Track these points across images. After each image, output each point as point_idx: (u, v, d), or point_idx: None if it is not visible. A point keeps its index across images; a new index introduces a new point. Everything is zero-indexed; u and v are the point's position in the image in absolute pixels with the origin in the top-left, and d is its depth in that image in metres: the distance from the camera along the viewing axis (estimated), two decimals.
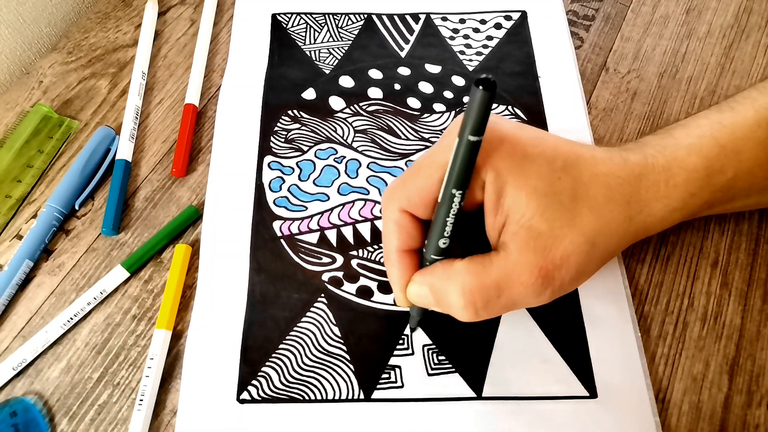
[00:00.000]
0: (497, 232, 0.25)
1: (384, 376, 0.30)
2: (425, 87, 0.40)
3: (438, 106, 0.39)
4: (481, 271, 0.25)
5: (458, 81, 0.40)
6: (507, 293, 0.25)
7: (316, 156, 0.37)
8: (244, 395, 0.30)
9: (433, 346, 0.31)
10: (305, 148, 0.37)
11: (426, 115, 0.39)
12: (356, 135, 0.38)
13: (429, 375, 0.30)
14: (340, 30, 0.43)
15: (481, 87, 0.20)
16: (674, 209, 0.27)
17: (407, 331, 0.31)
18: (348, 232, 0.35)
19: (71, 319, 0.32)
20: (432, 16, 0.43)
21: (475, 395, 0.30)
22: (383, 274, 0.33)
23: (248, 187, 0.36)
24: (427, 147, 0.37)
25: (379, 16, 0.43)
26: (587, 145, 0.28)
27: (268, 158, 0.37)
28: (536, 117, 0.38)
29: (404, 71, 0.41)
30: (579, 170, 0.26)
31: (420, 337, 0.31)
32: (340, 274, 0.33)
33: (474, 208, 0.26)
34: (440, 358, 0.31)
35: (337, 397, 0.30)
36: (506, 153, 0.25)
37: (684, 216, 0.28)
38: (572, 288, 0.26)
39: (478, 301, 0.25)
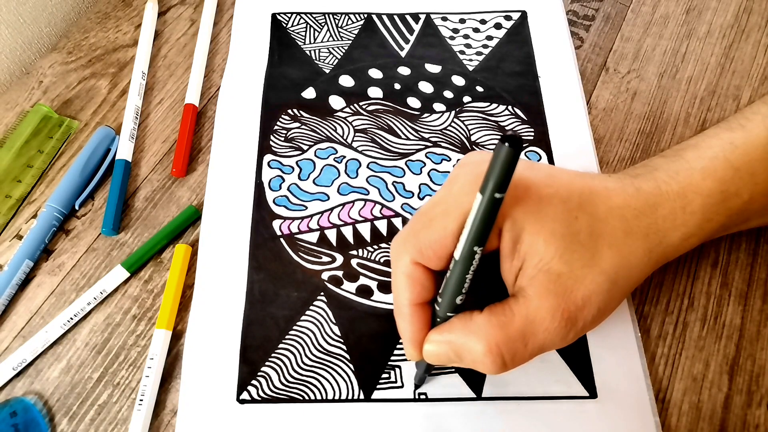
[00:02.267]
0: (513, 276, 0.25)
1: (384, 376, 0.30)
2: (425, 87, 0.40)
3: (438, 106, 0.39)
4: (504, 322, 0.24)
5: (458, 81, 0.40)
6: (532, 341, 0.24)
7: (316, 155, 0.37)
8: (244, 395, 0.30)
9: None
10: (305, 147, 0.37)
11: (426, 114, 0.39)
12: (356, 134, 0.38)
13: (429, 375, 0.30)
14: (340, 29, 0.43)
15: (507, 144, 0.19)
16: (691, 235, 0.27)
17: (411, 385, 0.30)
18: (348, 232, 0.35)
19: (71, 319, 0.32)
20: (432, 16, 0.43)
21: (475, 395, 0.30)
22: (383, 273, 0.33)
23: (248, 186, 0.36)
24: (427, 147, 0.37)
25: (379, 15, 0.43)
26: (598, 176, 0.27)
27: (267, 157, 0.37)
28: (536, 117, 0.38)
29: (404, 71, 0.41)
30: (594, 206, 0.25)
31: None
32: (339, 273, 0.33)
33: (487, 252, 0.25)
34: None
35: (337, 397, 0.30)
36: (521, 198, 0.24)
37: (700, 241, 0.28)
38: (594, 327, 0.26)
39: (505, 354, 0.24)
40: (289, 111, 0.39)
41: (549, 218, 0.24)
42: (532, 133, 0.38)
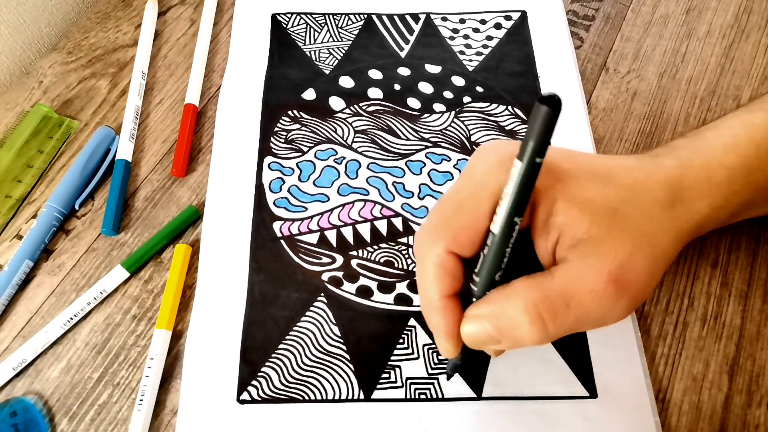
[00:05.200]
0: (550, 252, 0.24)
1: (384, 376, 0.30)
2: (425, 87, 0.40)
3: (438, 106, 0.39)
4: (543, 282, 0.23)
5: (458, 81, 0.40)
6: (576, 302, 0.22)
7: (316, 157, 0.37)
8: (244, 395, 0.30)
9: (434, 346, 0.31)
10: (305, 149, 0.37)
11: (426, 115, 0.39)
12: (356, 135, 0.38)
13: (429, 375, 0.30)
14: (340, 30, 0.43)
15: (545, 105, 0.19)
16: (719, 207, 0.26)
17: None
18: (348, 233, 0.35)
19: (71, 319, 0.32)
20: (432, 16, 0.43)
21: (475, 395, 0.30)
22: (383, 274, 0.33)
23: (248, 188, 0.36)
24: (427, 147, 0.37)
25: (379, 16, 0.43)
26: (615, 156, 0.27)
27: (268, 159, 0.37)
28: None
29: (404, 71, 0.41)
30: (619, 178, 0.25)
31: (421, 337, 0.31)
32: (339, 273, 0.33)
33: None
34: (440, 358, 0.31)
35: (337, 397, 0.30)
36: (547, 172, 0.23)
37: (728, 214, 0.27)
38: (647, 295, 0.24)
39: (544, 314, 0.22)
40: (290, 112, 0.39)
41: (580, 189, 0.24)
42: None
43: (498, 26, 0.43)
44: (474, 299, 0.25)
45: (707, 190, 0.26)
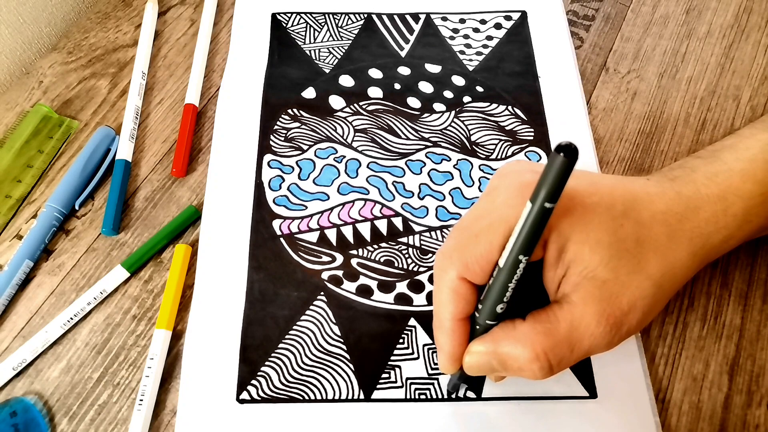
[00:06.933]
0: (556, 284, 0.25)
1: (384, 376, 0.30)
2: (425, 87, 0.40)
3: (438, 106, 0.39)
4: (549, 329, 0.24)
5: (458, 81, 0.40)
6: (578, 346, 0.24)
7: (315, 155, 0.37)
8: (244, 395, 0.30)
9: (434, 347, 0.31)
10: (305, 147, 0.37)
11: (426, 114, 0.39)
12: (356, 134, 0.38)
13: (429, 375, 0.30)
14: (340, 29, 0.43)
15: (561, 154, 0.19)
16: (731, 237, 0.27)
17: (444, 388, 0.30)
18: (348, 232, 0.35)
19: (71, 319, 0.32)
20: (432, 16, 0.43)
21: (475, 395, 0.30)
22: (383, 273, 0.33)
23: (248, 186, 0.36)
24: (427, 146, 0.37)
25: (379, 15, 0.43)
26: (637, 180, 0.27)
27: (267, 156, 0.37)
28: (536, 117, 0.38)
29: (404, 71, 0.41)
30: (638, 212, 0.25)
31: (421, 337, 0.31)
32: (339, 272, 0.33)
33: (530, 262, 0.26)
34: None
35: (337, 397, 0.30)
36: (566, 209, 0.24)
37: (738, 242, 0.28)
38: (638, 330, 0.26)
39: (552, 360, 0.24)
40: (289, 111, 0.39)
41: (594, 227, 0.24)
42: (532, 133, 0.38)
43: (498, 26, 0.43)
44: (477, 326, 0.25)
45: (724, 223, 0.27)
